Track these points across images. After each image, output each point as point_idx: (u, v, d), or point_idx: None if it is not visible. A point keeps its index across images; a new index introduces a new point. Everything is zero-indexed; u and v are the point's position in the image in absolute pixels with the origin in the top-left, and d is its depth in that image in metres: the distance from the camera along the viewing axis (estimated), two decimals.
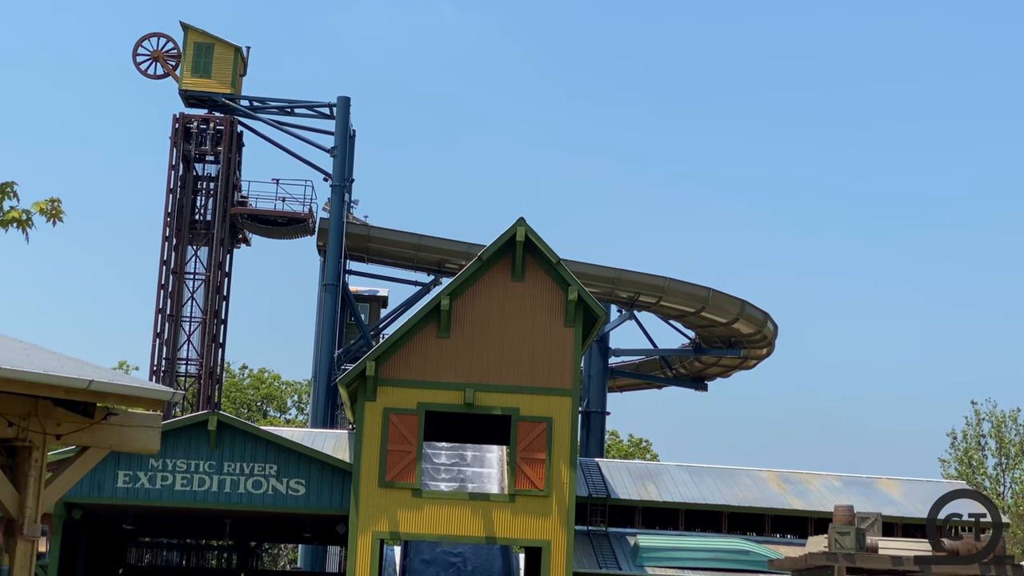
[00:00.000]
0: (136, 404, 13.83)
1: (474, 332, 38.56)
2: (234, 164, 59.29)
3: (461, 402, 38.09)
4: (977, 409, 76.28)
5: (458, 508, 38.07)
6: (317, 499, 38.93)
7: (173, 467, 38.67)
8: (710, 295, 58.42)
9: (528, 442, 37.91)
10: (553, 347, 38.51)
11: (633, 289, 58.46)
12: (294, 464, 39.02)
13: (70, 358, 13.75)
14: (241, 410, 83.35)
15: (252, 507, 38.98)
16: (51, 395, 12.87)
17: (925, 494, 46.81)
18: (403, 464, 37.73)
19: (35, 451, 13.39)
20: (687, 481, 45.90)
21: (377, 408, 38.04)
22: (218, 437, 38.78)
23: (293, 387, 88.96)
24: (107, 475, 38.33)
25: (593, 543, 42.04)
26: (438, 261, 58.19)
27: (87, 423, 13.70)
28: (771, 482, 46.53)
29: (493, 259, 38.73)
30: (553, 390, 38.25)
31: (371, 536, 37.56)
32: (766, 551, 40.86)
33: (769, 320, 60.88)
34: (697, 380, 67.93)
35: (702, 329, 61.75)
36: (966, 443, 76.03)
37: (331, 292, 57.37)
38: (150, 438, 14.22)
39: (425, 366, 38.34)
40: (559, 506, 37.78)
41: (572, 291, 38.34)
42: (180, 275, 58.60)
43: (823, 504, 43.34)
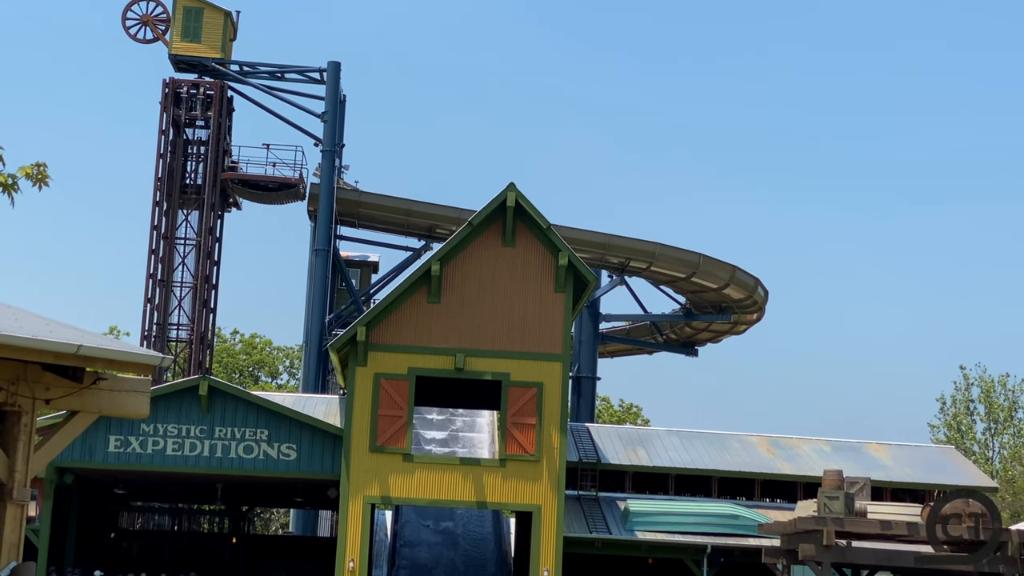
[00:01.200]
0: (125, 369, 13.83)
1: (465, 297, 38.58)
2: (224, 129, 59.12)
3: (452, 367, 38.14)
4: (966, 374, 76.57)
5: (449, 473, 38.16)
6: (308, 464, 39.02)
7: (164, 432, 38.72)
8: (701, 260, 58.44)
9: (519, 407, 37.99)
10: (544, 312, 38.53)
11: (624, 254, 58.46)
12: (285, 429, 39.09)
13: (59, 323, 13.74)
14: (232, 375, 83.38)
15: (243, 472, 39.07)
16: (40, 360, 12.87)
17: (914, 459, 47.04)
18: (394, 429, 37.80)
19: (24, 416, 13.40)
20: (677, 446, 46.05)
21: (368, 373, 38.08)
22: (209, 402, 38.82)
23: (284, 352, 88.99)
24: (98, 440, 38.39)
25: (583, 508, 42.18)
26: (429, 226, 58.13)
27: (76, 388, 13.71)
28: (761, 447, 46.68)
29: (484, 224, 38.71)
30: (543, 355, 38.29)
31: (362, 501, 37.66)
32: (756, 515, 41.03)
33: (759, 285, 60.94)
34: (687, 345, 68.02)
35: (693, 294, 61.79)
36: (955, 408, 76.31)
37: (322, 257, 57.30)
38: (139, 403, 14.23)
39: (416, 331, 38.36)
40: (549, 471, 37.89)
41: (562, 256, 38.34)
42: (171, 240, 58.50)
43: (812, 469, 43.52)
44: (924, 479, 45.14)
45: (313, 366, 57.60)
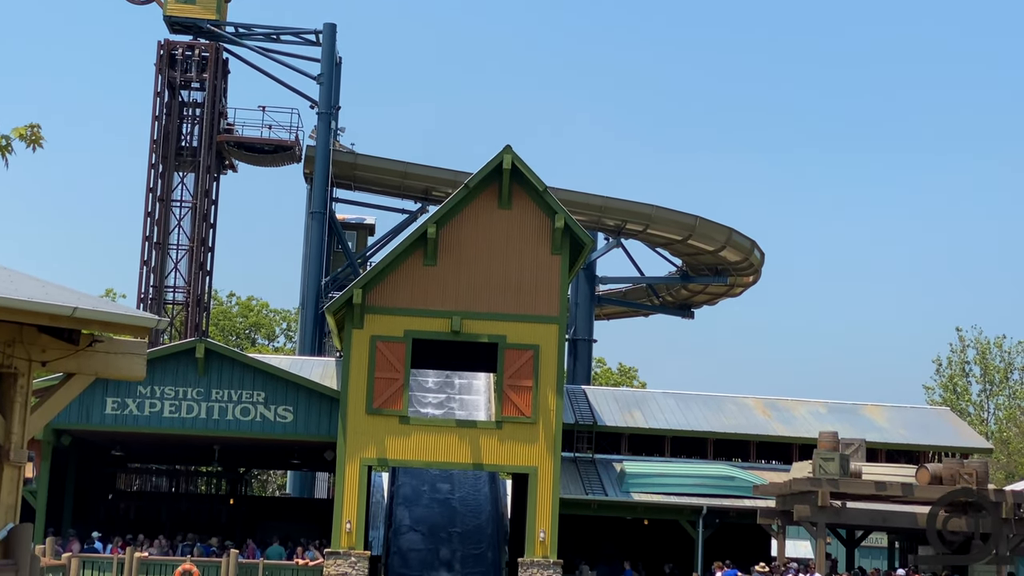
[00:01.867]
0: (121, 331, 13.84)
1: (461, 260, 38.56)
2: (220, 91, 58.96)
3: (448, 330, 38.18)
4: (962, 336, 76.70)
5: (445, 435, 38.25)
6: (305, 426, 39.11)
7: (161, 394, 38.79)
8: (697, 223, 58.43)
9: (515, 369, 38.04)
10: (540, 275, 38.53)
11: (620, 217, 58.44)
12: (282, 391, 39.15)
13: (55, 285, 13.73)
14: (229, 338, 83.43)
15: (240, 434, 39.16)
16: (36, 322, 12.87)
17: (909, 420, 47.18)
18: (390, 391, 37.87)
19: (20, 378, 13.41)
20: (673, 408, 46.15)
21: (364, 336, 38.12)
22: (206, 364, 38.87)
23: (281, 315, 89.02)
24: (95, 402, 38.46)
25: (579, 469, 42.31)
26: (425, 189, 58.07)
27: (72, 350, 13.70)
28: (756, 409, 46.79)
29: (480, 187, 38.66)
30: (540, 318, 38.32)
31: (359, 463, 37.77)
32: (751, 477, 41.18)
33: (756, 248, 60.96)
34: (684, 307, 68.09)
35: (689, 257, 61.82)
36: (951, 370, 76.48)
37: (318, 220, 57.25)
38: (135, 365, 14.22)
39: (412, 294, 38.38)
40: (546, 433, 37.98)
41: (559, 219, 38.31)
42: (167, 202, 58.43)
43: (808, 430, 43.66)
44: (919, 440, 45.28)
45: (309, 329, 57.63)
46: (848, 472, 35.25)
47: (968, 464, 36.18)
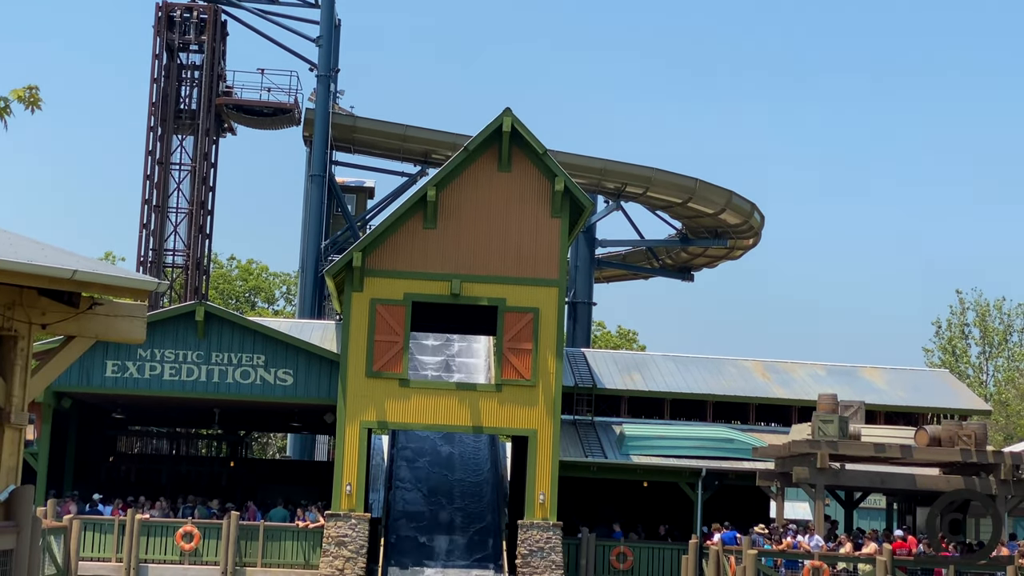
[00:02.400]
0: (121, 294, 13.86)
1: (460, 223, 38.53)
2: (218, 53, 58.77)
3: (448, 293, 38.19)
4: (962, 298, 76.74)
5: (445, 398, 38.32)
6: (305, 389, 39.17)
7: (161, 357, 38.83)
8: (697, 186, 58.35)
9: (514, 332, 38.07)
10: (539, 238, 38.51)
11: (620, 180, 58.35)
12: (282, 354, 39.19)
13: (54, 248, 13.75)
14: (229, 301, 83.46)
15: (240, 397, 39.23)
16: (35, 285, 12.89)
17: (909, 383, 47.26)
18: (390, 354, 37.91)
19: (20, 340, 13.44)
20: (672, 371, 46.21)
21: (364, 299, 38.13)
22: (206, 327, 38.90)
23: (280, 278, 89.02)
24: (95, 365, 38.51)
25: (579, 432, 42.41)
26: (424, 152, 57.95)
27: (72, 313, 13.73)
28: (756, 371, 46.85)
29: (479, 150, 38.59)
30: (539, 281, 38.33)
31: (359, 426, 37.85)
32: (750, 439, 41.28)
33: (755, 210, 60.90)
34: (683, 270, 68.09)
35: (689, 220, 61.76)
36: (950, 332, 76.56)
37: (317, 183, 57.15)
38: (135, 328, 14.26)
39: (411, 257, 38.36)
40: (545, 396, 38.04)
41: (559, 182, 38.27)
42: (165, 165, 58.34)
43: (807, 393, 43.73)
44: (918, 402, 45.36)
45: (309, 292, 57.65)
46: (847, 434, 35.34)
47: (967, 426, 36.27)
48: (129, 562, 37.42)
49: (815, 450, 34.78)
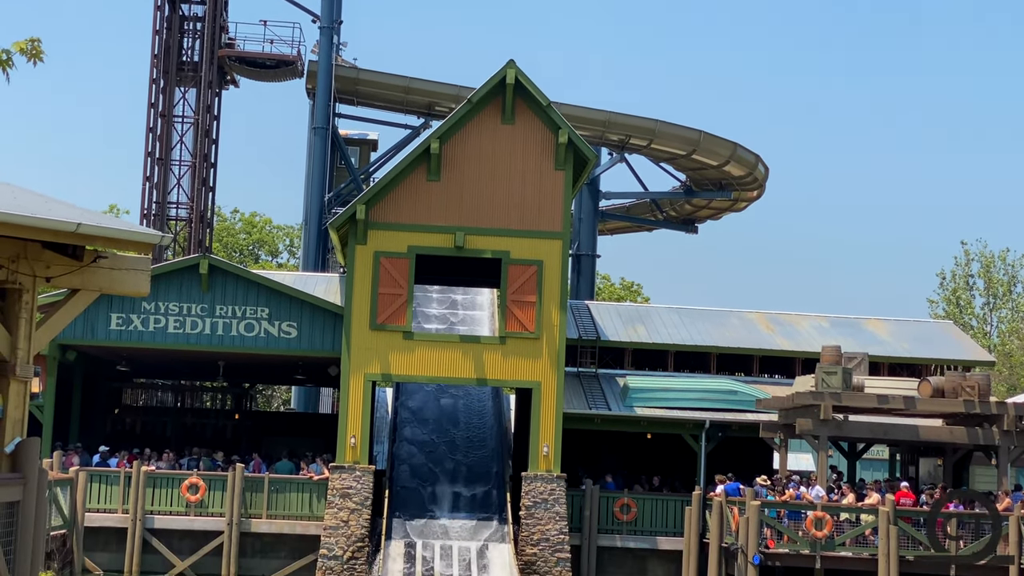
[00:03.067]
0: (125, 247, 13.85)
1: (464, 175, 38.47)
2: (220, 5, 58.50)
3: (451, 245, 38.17)
4: (967, 249, 76.66)
5: (449, 350, 38.38)
6: (309, 342, 39.23)
7: (166, 310, 38.89)
8: (701, 137, 58.18)
9: (518, 285, 38.08)
10: (543, 190, 38.45)
11: (624, 132, 58.18)
12: (286, 307, 39.23)
13: (58, 201, 13.73)
14: (232, 254, 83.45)
15: (244, 349, 39.30)
16: (39, 238, 12.89)
17: (912, 334, 47.28)
18: (394, 307, 37.94)
19: (25, 293, 13.45)
20: (676, 323, 46.23)
21: (367, 251, 38.13)
22: (210, 280, 38.93)
23: (284, 231, 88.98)
24: (100, 318, 38.57)
25: (583, 384, 42.49)
26: (428, 104, 57.78)
27: (76, 266, 13.73)
28: (760, 323, 46.87)
29: (483, 102, 38.47)
30: (543, 233, 38.29)
31: (363, 378, 37.94)
32: (754, 391, 41.35)
33: (760, 162, 60.74)
34: (687, 223, 68.00)
35: (693, 172, 61.62)
36: (955, 283, 76.49)
37: (320, 135, 57.04)
38: (139, 281, 14.26)
39: (415, 209, 38.33)
40: (549, 348, 38.10)
41: (562, 134, 38.17)
42: (168, 118, 58.20)
43: (811, 345, 43.74)
44: (921, 354, 45.40)
45: (313, 245, 57.66)
46: (850, 385, 35.42)
47: (970, 377, 36.34)
48: (135, 513, 37.64)
49: (819, 401, 34.86)
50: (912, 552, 33.20)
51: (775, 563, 33.95)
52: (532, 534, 37.35)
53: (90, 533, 35.66)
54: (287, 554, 38.51)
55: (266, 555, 38.50)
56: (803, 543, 33.39)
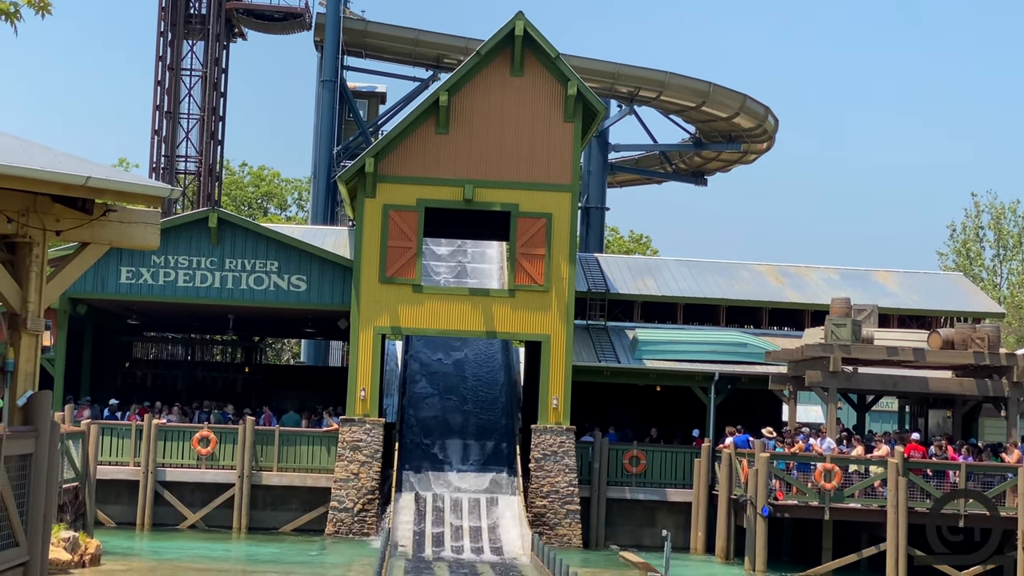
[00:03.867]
0: (134, 200, 13.86)
1: (473, 128, 38.38)
2: None
3: (460, 198, 38.13)
4: (977, 201, 76.40)
5: (458, 303, 38.41)
6: (318, 295, 39.27)
7: (175, 263, 38.92)
8: (711, 89, 57.96)
9: (528, 238, 38.06)
10: (552, 143, 38.36)
11: (633, 84, 57.98)
12: (295, 261, 39.25)
13: (67, 155, 13.73)
14: (241, 207, 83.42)
15: (254, 303, 39.36)
16: (49, 192, 12.89)
17: (922, 286, 47.22)
18: (403, 260, 37.95)
19: (35, 247, 13.46)
20: (686, 275, 46.19)
21: (376, 205, 38.10)
22: (219, 234, 38.93)
23: (293, 184, 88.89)
24: (110, 271, 38.62)
25: (592, 337, 42.52)
26: (436, 56, 57.58)
27: (86, 219, 13.74)
28: (769, 276, 46.81)
29: (492, 54, 38.32)
30: (552, 186, 38.24)
31: (372, 331, 38.00)
32: (763, 343, 41.35)
33: (770, 114, 60.53)
34: (697, 175, 67.86)
35: (702, 124, 61.43)
36: (965, 235, 76.29)
37: (329, 88, 56.90)
38: (149, 234, 14.27)
39: (424, 162, 38.27)
40: (558, 301, 38.11)
41: (571, 86, 38.03)
42: (176, 71, 58.07)
43: (820, 297, 43.70)
44: (931, 306, 45.33)
45: (322, 198, 57.62)
46: (860, 338, 35.41)
47: (980, 329, 36.32)
48: (147, 466, 37.82)
49: (828, 354, 34.86)
50: (921, 504, 33.28)
51: (784, 515, 34.05)
52: (542, 486, 37.49)
53: (102, 486, 35.82)
54: (298, 506, 38.71)
55: (277, 507, 38.71)
56: (812, 495, 33.48)
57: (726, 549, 36.20)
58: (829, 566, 33.98)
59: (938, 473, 33.65)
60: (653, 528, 38.31)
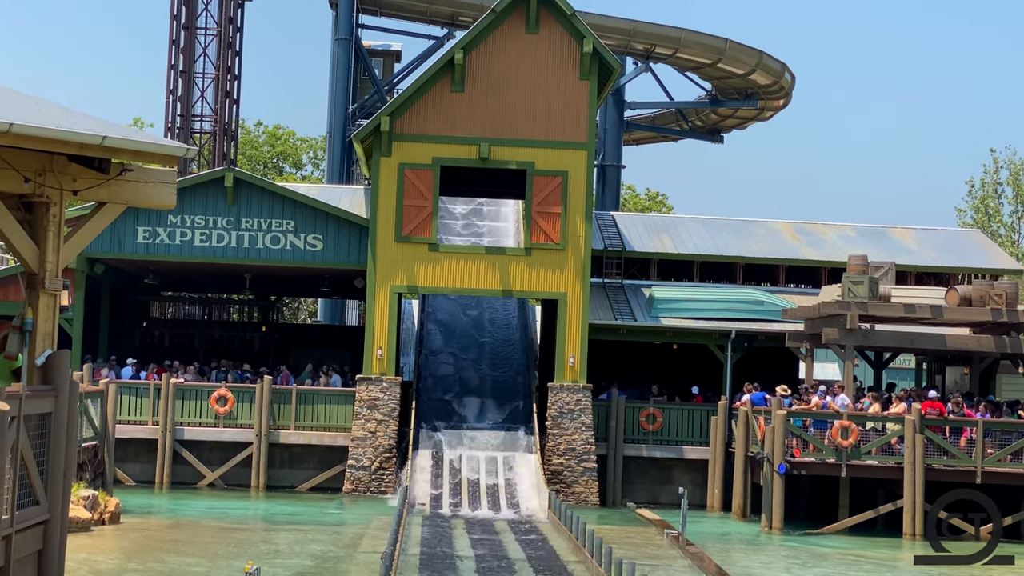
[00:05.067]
0: (151, 160, 13.85)
1: (488, 86, 38.27)
2: None
3: (476, 157, 38.07)
4: (995, 157, 75.92)
5: (474, 262, 38.42)
6: (335, 254, 39.28)
7: (192, 223, 38.95)
8: (727, 46, 57.69)
9: (544, 196, 38.01)
10: (568, 100, 38.24)
11: (649, 41, 57.74)
12: (311, 220, 39.25)
13: (83, 114, 13.72)
14: (257, 167, 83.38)
15: (271, 262, 39.42)
16: (65, 151, 12.87)
17: (940, 243, 47.07)
18: (419, 219, 37.94)
19: (53, 207, 13.47)
20: (702, 233, 46.09)
21: (392, 163, 38.06)
22: (235, 193, 38.95)
23: (308, 143, 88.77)
24: (127, 231, 38.68)
25: (608, 295, 42.50)
26: (451, 14, 57.36)
27: (103, 179, 13.73)
28: (785, 233, 46.70)
29: (507, 11, 38.15)
30: (568, 144, 38.15)
31: (389, 290, 38.04)
32: (780, 301, 41.29)
33: (786, 71, 60.24)
34: (713, 132, 67.63)
35: (719, 81, 61.18)
36: (983, 191, 75.89)
37: (344, 47, 56.76)
38: (166, 194, 14.27)
39: (440, 121, 38.18)
40: (575, 259, 38.09)
41: (587, 43, 37.87)
42: (191, 30, 57.96)
43: (837, 254, 43.56)
44: (949, 263, 45.19)
45: (337, 157, 57.59)
46: (877, 295, 35.33)
47: (998, 285, 36.21)
48: (165, 425, 38.00)
49: (845, 311, 34.81)
50: (938, 460, 33.29)
51: (801, 472, 34.11)
52: (558, 444, 37.59)
53: (121, 445, 36.01)
54: (315, 464, 38.88)
55: (295, 466, 38.89)
56: (829, 452, 33.51)
57: (743, 506, 36.28)
58: (846, 523, 34.06)
59: (955, 430, 33.66)
60: (670, 486, 38.42)
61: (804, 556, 29.87)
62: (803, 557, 29.75)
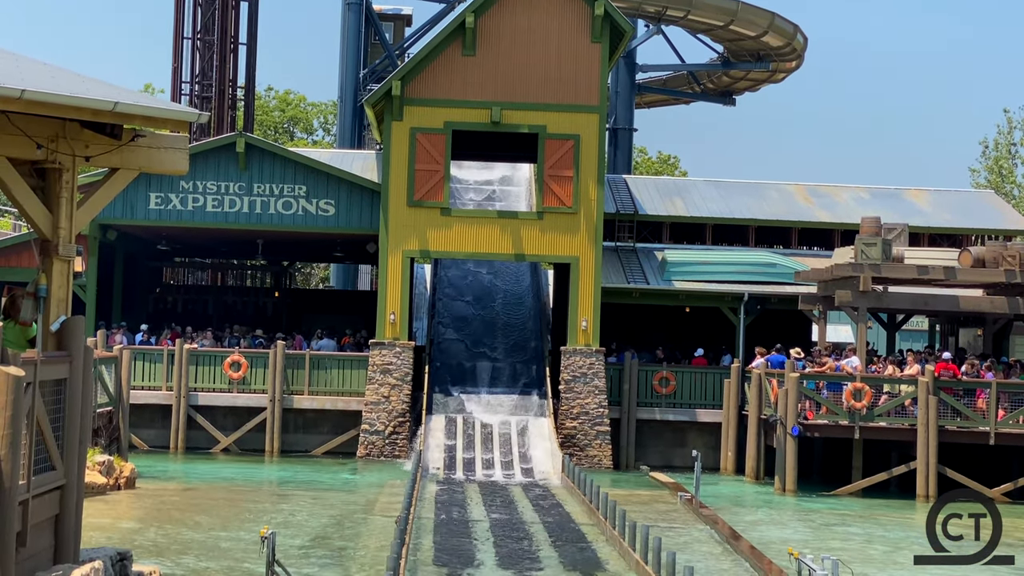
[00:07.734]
0: (162, 126, 13.84)
1: (500, 49, 38.17)
2: None
3: (487, 120, 38.00)
4: (1009, 117, 75.58)
5: (487, 226, 38.41)
6: (347, 219, 39.31)
7: (204, 189, 38.99)
8: (739, 7, 57.36)
9: (555, 160, 37.95)
10: (579, 64, 38.13)
11: (660, 3, 57.39)
12: (323, 185, 39.26)
13: (95, 80, 13.70)
14: (267, 132, 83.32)
15: (283, 227, 39.45)
16: (78, 117, 12.87)
17: (953, 204, 46.93)
18: (431, 183, 37.92)
19: (65, 173, 13.48)
20: (714, 196, 46.01)
21: (404, 128, 38.01)
22: (247, 159, 38.95)
23: (319, 108, 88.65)
24: (139, 197, 38.73)
25: (621, 258, 42.48)
26: None
27: (115, 145, 13.73)
28: (798, 195, 46.59)
29: None
30: (580, 107, 38.07)
31: (401, 255, 38.06)
32: (793, 263, 41.23)
33: (799, 32, 59.91)
34: (725, 95, 67.36)
35: (731, 43, 60.87)
36: (997, 152, 75.59)
37: (354, 11, 56.60)
38: (178, 159, 14.27)
39: (451, 85, 38.12)
40: (587, 222, 38.06)
41: (599, 6, 37.74)
42: None
43: (850, 216, 43.46)
44: (962, 224, 45.07)
45: (348, 122, 57.51)
46: (890, 256, 35.26)
47: (1011, 247, 36.11)
48: (179, 391, 38.12)
49: (858, 273, 34.75)
50: (952, 422, 33.29)
51: (814, 434, 34.14)
52: (571, 408, 37.66)
53: (135, 410, 36.14)
54: (329, 429, 39.01)
55: (308, 431, 39.03)
56: (842, 414, 33.52)
57: (756, 469, 36.34)
58: (859, 485, 34.10)
59: (968, 391, 33.64)
60: (683, 449, 38.45)
61: (817, 518, 29.93)
62: (816, 519, 29.81)
